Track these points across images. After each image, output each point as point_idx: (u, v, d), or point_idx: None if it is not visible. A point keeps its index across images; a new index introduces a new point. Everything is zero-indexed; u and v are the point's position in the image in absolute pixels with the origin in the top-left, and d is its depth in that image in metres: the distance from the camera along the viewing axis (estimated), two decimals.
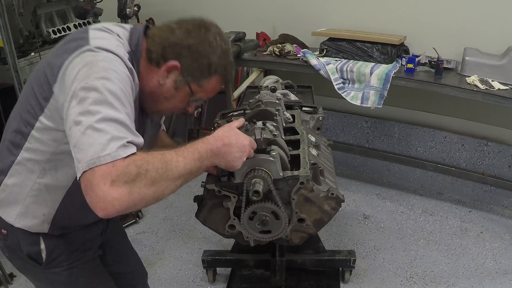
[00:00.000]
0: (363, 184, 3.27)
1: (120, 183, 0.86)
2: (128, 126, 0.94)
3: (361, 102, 2.53)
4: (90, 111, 0.91)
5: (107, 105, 0.92)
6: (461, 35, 2.65)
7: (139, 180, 0.89)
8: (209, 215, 1.49)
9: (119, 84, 0.96)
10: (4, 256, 1.17)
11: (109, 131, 0.90)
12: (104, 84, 0.94)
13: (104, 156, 0.87)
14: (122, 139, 0.90)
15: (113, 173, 0.86)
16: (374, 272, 2.38)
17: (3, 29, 2.18)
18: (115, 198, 0.86)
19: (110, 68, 0.97)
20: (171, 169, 0.95)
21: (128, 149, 0.90)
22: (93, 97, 0.92)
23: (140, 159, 0.91)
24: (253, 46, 2.91)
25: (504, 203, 2.92)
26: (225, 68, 1.16)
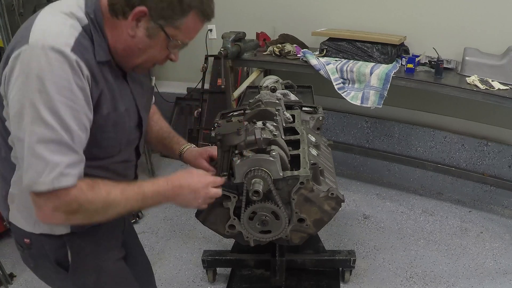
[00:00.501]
0: (363, 184, 3.27)
1: (61, 212, 0.97)
2: (66, 144, 0.93)
3: (361, 102, 2.53)
4: (27, 130, 0.91)
5: (43, 124, 0.90)
6: (461, 35, 2.65)
7: (78, 214, 0.99)
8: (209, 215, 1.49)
9: (57, 96, 0.90)
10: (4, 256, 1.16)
11: (45, 156, 0.91)
12: (40, 99, 0.89)
13: (39, 184, 0.92)
14: (58, 166, 0.92)
15: (55, 202, 0.95)
16: (374, 272, 2.38)
17: (3, 29, 2.19)
18: (55, 221, 1.01)
19: (45, 78, 0.89)
20: (110, 210, 1.03)
21: (65, 179, 0.93)
22: (29, 114, 0.90)
23: (83, 198, 0.97)
24: (253, 46, 2.90)
25: (504, 203, 2.92)
26: (201, 0, 1.02)
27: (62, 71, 0.91)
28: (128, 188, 1.06)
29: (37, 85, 0.89)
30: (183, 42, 1.06)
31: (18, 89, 0.91)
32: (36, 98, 0.90)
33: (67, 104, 0.92)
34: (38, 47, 0.90)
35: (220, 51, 2.68)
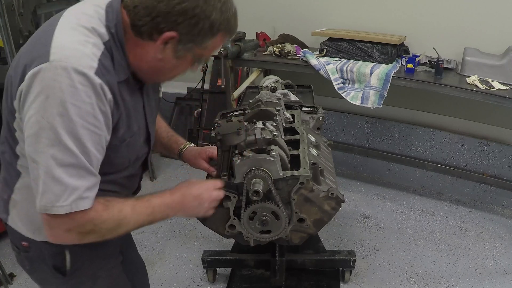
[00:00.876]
0: (363, 184, 3.27)
1: (74, 233, 0.96)
2: (86, 167, 0.92)
3: (361, 102, 2.53)
4: (45, 153, 0.88)
5: (63, 148, 0.88)
6: (461, 35, 2.65)
7: (92, 234, 0.98)
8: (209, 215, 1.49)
9: (79, 121, 0.88)
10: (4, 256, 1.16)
11: (64, 181, 0.90)
12: (62, 123, 0.87)
13: (58, 207, 0.90)
14: (77, 190, 0.91)
15: (70, 224, 0.94)
16: (374, 272, 2.38)
17: (3, 29, 2.18)
18: (68, 241, 1.00)
19: (67, 101, 0.86)
20: (121, 227, 1.03)
21: (84, 202, 0.92)
22: (48, 137, 0.87)
23: (98, 218, 0.97)
24: (253, 46, 2.90)
25: (504, 203, 2.92)
26: (228, 21, 1.01)
27: (85, 95, 0.88)
28: (138, 204, 1.07)
29: (59, 108, 0.86)
30: (207, 57, 1.08)
31: (36, 110, 0.88)
32: (57, 122, 0.87)
33: (89, 128, 0.90)
34: (61, 67, 0.87)
35: (220, 51, 2.68)
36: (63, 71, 0.86)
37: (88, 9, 0.98)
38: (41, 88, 0.87)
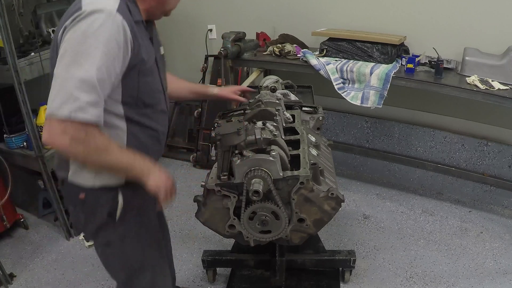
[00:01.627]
0: (363, 184, 3.27)
1: (68, 137, 1.11)
2: (93, 85, 1.10)
3: (361, 102, 2.53)
4: (64, 68, 1.09)
5: (79, 66, 1.08)
6: (461, 35, 2.64)
7: (80, 145, 1.13)
8: (209, 215, 1.49)
9: (98, 45, 1.09)
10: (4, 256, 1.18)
11: (72, 91, 1.08)
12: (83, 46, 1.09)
13: (61, 111, 1.08)
14: (79, 100, 1.08)
15: (68, 127, 1.10)
16: (374, 272, 2.38)
17: (3, 29, 2.18)
18: (58, 143, 1.13)
19: (92, 30, 1.09)
20: (105, 153, 1.19)
21: (83, 113, 1.09)
22: (70, 56, 1.09)
23: (91, 133, 1.14)
24: (253, 46, 2.90)
25: (504, 203, 2.92)
26: None
27: (109, 27, 1.10)
28: (126, 150, 1.26)
29: (84, 34, 1.09)
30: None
31: (67, 39, 1.11)
32: (79, 44, 1.09)
33: (106, 53, 1.10)
34: (91, 10, 1.10)
35: (220, 51, 2.68)
36: (93, 12, 1.11)
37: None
38: (74, 27, 1.11)
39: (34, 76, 2.43)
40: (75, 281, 2.43)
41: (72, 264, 2.55)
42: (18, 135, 2.62)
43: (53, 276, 2.48)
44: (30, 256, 2.64)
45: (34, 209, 3.04)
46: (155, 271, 1.51)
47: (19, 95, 2.34)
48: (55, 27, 2.65)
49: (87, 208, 1.35)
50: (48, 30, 2.60)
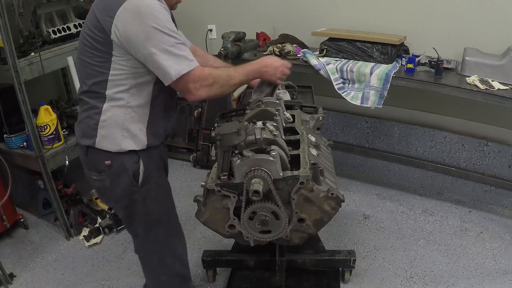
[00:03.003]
0: (363, 184, 3.27)
1: (204, 87, 1.44)
2: (182, 43, 1.40)
3: (361, 102, 2.53)
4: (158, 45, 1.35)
5: (166, 36, 1.35)
6: (461, 35, 2.64)
7: (214, 85, 1.46)
8: (209, 215, 1.49)
9: (164, 19, 1.36)
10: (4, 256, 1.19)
11: (177, 53, 1.38)
12: (158, 24, 1.34)
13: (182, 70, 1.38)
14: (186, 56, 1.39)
15: (199, 81, 1.42)
16: (374, 272, 2.38)
17: (3, 29, 2.18)
18: (201, 94, 1.45)
19: (154, 11, 1.34)
20: (232, 79, 1.53)
21: (194, 62, 1.41)
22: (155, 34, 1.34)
23: (213, 72, 1.46)
24: (253, 46, 2.90)
25: (504, 203, 2.92)
26: None
27: (160, 7, 1.37)
28: (237, 68, 1.60)
29: (151, 16, 1.34)
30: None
31: (137, 25, 1.34)
32: (155, 24, 1.34)
33: (171, 25, 1.38)
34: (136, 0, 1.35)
35: (220, 51, 2.68)
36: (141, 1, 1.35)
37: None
38: (133, 11, 1.33)
39: (34, 76, 2.43)
40: (75, 281, 2.43)
41: (72, 264, 2.56)
42: (18, 135, 2.62)
43: (53, 276, 2.48)
44: (30, 256, 2.64)
45: (34, 209, 3.04)
46: (170, 225, 1.74)
47: (19, 95, 2.34)
48: (55, 27, 2.65)
49: (113, 173, 1.53)
50: (48, 30, 2.60)
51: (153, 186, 1.61)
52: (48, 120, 2.52)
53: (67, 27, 2.67)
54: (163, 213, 1.70)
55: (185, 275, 1.90)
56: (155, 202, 1.64)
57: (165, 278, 1.80)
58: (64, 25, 2.67)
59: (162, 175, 1.69)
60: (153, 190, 1.61)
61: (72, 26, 2.69)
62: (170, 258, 1.77)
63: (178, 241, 1.82)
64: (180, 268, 1.84)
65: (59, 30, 2.64)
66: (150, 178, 1.59)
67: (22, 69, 2.34)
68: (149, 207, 1.63)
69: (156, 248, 1.73)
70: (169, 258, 1.77)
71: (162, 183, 1.69)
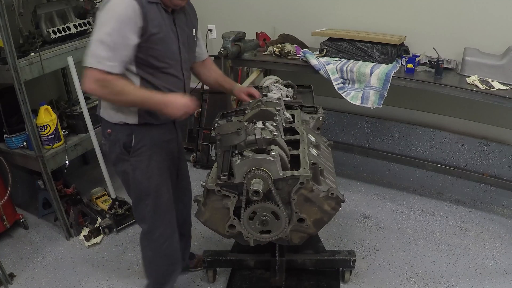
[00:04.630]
0: (363, 184, 3.27)
1: (96, 84, 1.54)
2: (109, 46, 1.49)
3: (361, 102, 2.53)
4: (94, 34, 1.52)
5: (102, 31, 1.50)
6: (461, 35, 2.64)
7: (106, 88, 1.56)
8: (209, 215, 1.49)
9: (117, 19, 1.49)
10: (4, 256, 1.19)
11: (96, 50, 1.51)
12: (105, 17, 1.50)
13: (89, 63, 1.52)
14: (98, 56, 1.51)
15: (94, 77, 1.53)
16: (374, 272, 2.38)
17: (3, 29, 2.18)
18: (91, 89, 1.56)
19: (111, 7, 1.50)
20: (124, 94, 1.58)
21: (101, 65, 1.51)
22: (98, 25, 1.52)
23: (110, 80, 1.54)
24: (253, 46, 2.90)
25: (504, 203, 2.92)
26: None
27: (125, 7, 1.49)
28: (140, 90, 1.63)
29: (107, 12, 1.51)
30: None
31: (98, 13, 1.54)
32: (103, 18, 1.51)
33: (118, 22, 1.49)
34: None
35: (220, 51, 2.68)
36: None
37: None
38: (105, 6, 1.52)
39: (34, 76, 2.43)
40: (75, 281, 2.43)
41: (72, 264, 2.56)
42: (18, 135, 2.62)
43: (53, 276, 2.48)
44: (30, 256, 2.64)
45: (34, 209, 3.04)
46: (159, 200, 1.84)
47: (19, 95, 2.34)
48: (55, 27, 2.65)
49: (111, 141, 1.76)
50: (48, 30, 2.59)
51: (143, 159, 1.76)
52: (48, 120, 2.53)
53: (67, 27, 2.67)
54: (152, 187, 1.82)
55: (173, 261, 2.00)
56: (144, 174, 1.78)
57: (151, 255, 1.95)
58: (64, 25, 2.67)
59: (158, 153, 1.80)
60: (143, 162, 1.76)
61: (72, 26, 2.69)
62: (158, 234, 1.90)
63: (167, 221, 1.92)
64: (169, 250, 1.95)
65: (59, 30, 2.64)
66: (142, 152, 1.75)
67: (22, 69, 2.34)
68: (138, 178, 1.79)
69: (145, 219, 1.88)
70: (158, 233, 1.90)
71: (156, 159, 1.80)
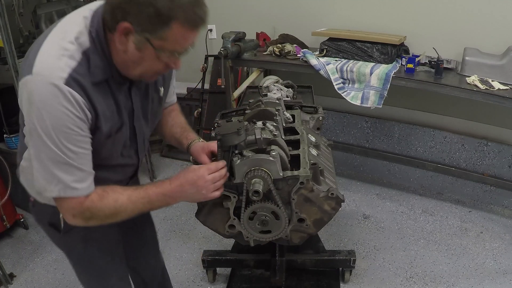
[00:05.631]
0: (363, 184, 3.27)
1: (79, 218, 1.14)
2: (70, 164, 1.06)
3: (361, 102, 2.53)
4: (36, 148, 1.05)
5: (47, 147, 1.03)
6: (461, 35, 2.64)
7: (93, 219, 1.15)
8: (209, 215, 1.49)
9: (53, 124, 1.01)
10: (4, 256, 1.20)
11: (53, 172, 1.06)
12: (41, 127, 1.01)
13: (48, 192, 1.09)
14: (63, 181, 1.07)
15: (73, 211, 1.12)
16: (374, 272, 2.38)
17: (3, 29, 2.18)
18: (76, 224, 1.15)
19: (43, 108, 1.00)
20: (119, 214, 1.17)
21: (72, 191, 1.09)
22: (36, 136, 1.03)
23: (94, 207, 1.13)
24: (253, 46, 2.90)
25: (504, 203, 2.92)
26: (183, 9, 0.98)
27: (57, 103, 1.00)
28: (135, 193, 1.18)
29: (37, 114, 1.01)
30: (176, 51, 1.07)
31: (26, 113, 1.04)
32: (38, 125, 1.02)
33: (65, 131, 1.03)
34: (38, 79, 1.00)
35: (220, 51, 2.68)
36: (39, 83, 1.00)
37: (78, 18, 1.08)
38: (27, 96, 1.01)
39: None
40: (75, 281, 2.42)
41: None
42: (18, 135, 2.62)
43: (53, 276, 2.48)
44: (30, 256, 2.64)
45: None
46: (106, 282, 1.48)
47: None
48: None
49: (36, 212, 1.36)
50: None
51: (77, 240, 1.35)
52: None
53: None
54: (94, 272, 1.44)
55: None
56: (82, 257, 1.41)
57: None
58: None
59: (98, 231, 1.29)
60: (78, 244, 1.37)
61: None
62: None
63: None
64: None
65: None
66: (76, 232, 1.30)
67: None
68: (75, 260, 1.43)
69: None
70: None
71: (96, 239, 1.38)
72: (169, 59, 1.08)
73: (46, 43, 1.05)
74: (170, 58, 1.08)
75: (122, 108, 1.17)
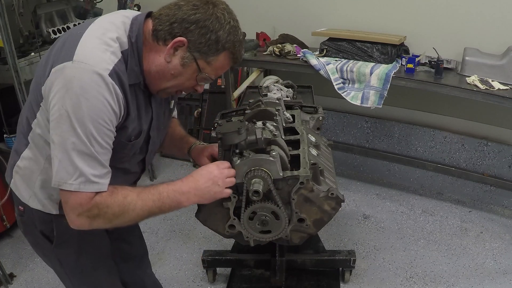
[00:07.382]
0: (363, 184, 3.27)
1: (84, 217, 1.09)
2: (95, 157, 1.06)
3: (361, 102, 2.53)
4: (63, 137, 1.03)
5: (76, 136, 1.02)
6: (461, 35, 2.64)
7: (99, 218, 1.10)
8: (209, 215, 1.49)
9: (89, 113, 1.01)
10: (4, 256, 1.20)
11: (77, 164, 1.04)
12: (75, 113, 1.01)
13: (68, 184, 1.05)
14: (85, 174, 1.05)
15: (79, 209, 1.08)
16: (374, 272, 2.38)
17: (3, 29, 2.18)
18: (79, 225, 1.11)
19: (82, 95, 1.00)
20: (128, 212, 1.13)
21: (92, 186, 1.07)
22: (66, 124, 1.02)
23: (102, 203, 1.09)
24: (253, 46, 2.90)
25: (504, 203, 2.92)
26: (233, 44, 1.15)
27: (97, 92, 1.02)
28: (145, 191, 1.16)
29: (74, 101, 1.00)
30: (210, 77, 1.17)
31: (58, 100, 1.02)
32: (71, 112, 1.01)
33: (97, 121, 1.03)
34: (81, 66, 1.01)
35: None
36: (82, 70, 1.01)
37: (117, 20, 1.14)
38: (63, 82, 1.01)
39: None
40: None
41: None
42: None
43: (53, 276, 2.47)
44: (30, 256, 2.64)
45: None
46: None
47: (19, 95, 2.34)
48: (55, 27, 2.65)
49: (25, 222, 1.32)
50: (48, 30, 2.59)
51: (70, 253, 1.33)
52: None
53: (67, 27, 2.67)
54: (87, 284, 1.40)
55: None
56: (74, 270, 1.37)
57: None
58: (64, 25, 2.67)
59: (92, 242, 1.33)
60: (70, 256, 1.33)
61: (72, 26, 2.69)
62: None
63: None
64: None
65: (59, 30, 2.64)
66: (69, 244, 1.30)
67: (22, 69, 2.34)
68: (68, 273, 1.38)
69: None
70: None
71: (89, 252, 1.36)
72: (200, 82, 1.19)
73: (86, 36, 1.07)
74: (201, 82, 1.19)
75: (143, 115, 1.21)
